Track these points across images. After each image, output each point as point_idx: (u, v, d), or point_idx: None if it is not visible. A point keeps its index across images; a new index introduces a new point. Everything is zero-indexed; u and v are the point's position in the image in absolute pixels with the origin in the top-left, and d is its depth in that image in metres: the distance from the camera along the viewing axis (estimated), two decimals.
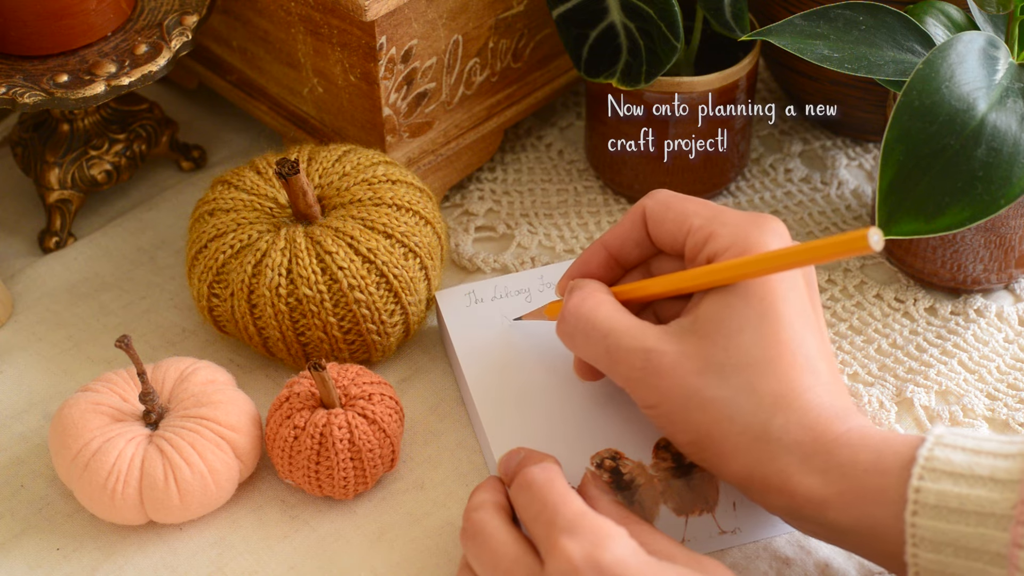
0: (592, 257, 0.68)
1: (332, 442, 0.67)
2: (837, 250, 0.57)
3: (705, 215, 0.64)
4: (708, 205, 0.65)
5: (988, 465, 0.56)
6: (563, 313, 0.65)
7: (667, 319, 0.67)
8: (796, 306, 0.61)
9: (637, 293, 0.66)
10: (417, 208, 0.74)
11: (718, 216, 0.63)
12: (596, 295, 0.65)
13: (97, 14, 0.77)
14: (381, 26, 0.75)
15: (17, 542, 0.69)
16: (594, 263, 0.68)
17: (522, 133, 0.91)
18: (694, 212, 0.64)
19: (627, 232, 0.67)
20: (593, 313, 0.64)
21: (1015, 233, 0.76)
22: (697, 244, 0.63)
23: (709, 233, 0.63)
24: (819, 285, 0.81)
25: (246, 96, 0.88)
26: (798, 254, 0.59)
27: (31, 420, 0.74)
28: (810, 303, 0.62)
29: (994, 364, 0.76)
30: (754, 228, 0.62)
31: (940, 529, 0.55)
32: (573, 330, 0.65)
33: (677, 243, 0.65)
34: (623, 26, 0.78)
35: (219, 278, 0.73)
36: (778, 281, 0.61)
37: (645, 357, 0.61)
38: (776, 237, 0.62)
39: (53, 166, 0.82)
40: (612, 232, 0.68)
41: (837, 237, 0.57)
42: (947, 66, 0.68)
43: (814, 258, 0.58)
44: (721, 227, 0.63)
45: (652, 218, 0.66)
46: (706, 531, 0.66)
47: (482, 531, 0.60)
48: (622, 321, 0.63)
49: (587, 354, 0.65)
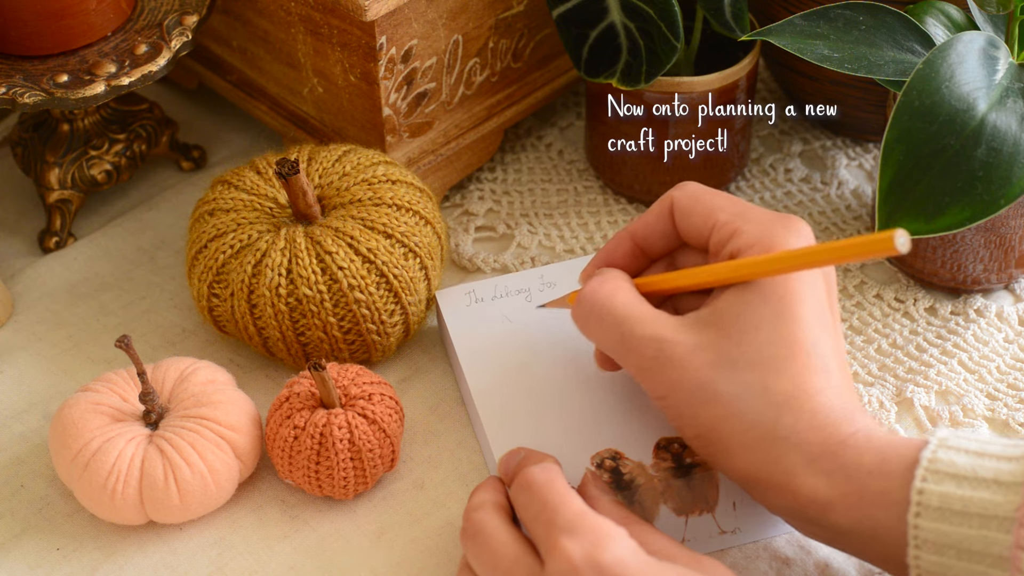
0: (618, 246, 0.68)
1: (332, 442, 0.67)
2: (862, 251, 0.57)
3: (731, 211, 0.64)
4: (735, 201, 0.64)
5: (991, 467, 0.56)
6: (580, 296, 0.65)
7: (685, 312, 0.66)
8: (814, 307, 0.61)
9: (658, 286, 0.66)
10: (417, 208, 0.74)
11: (744, 213, 0.63)
12: (614, 281, 0.65)
13: (97, 14, 0.77)
14: (381, 26, 0.75)
15: (17, 542, 0.69)
16: (619, 252, 0.68)
17: (522, 133, 0.91)
18: (720, 207, 0.64)
19: (654, 223, 0.67)
20: (610, 298, 0.64)
21: (1015, 233, 0.76)
22: (722, 240, 0.63)
23: (734, 229, 0.63)
24: None
25: (246, 96, 0.88)
26: (821, 253, 0.59)
27: (31, 420, 0.74)
28: (828, 304, 0.62)
29: (994, 364, 0.76)
30: (779, 227, 0.62)
31: (943, 531, 0.55)
32: (588, 314, 0.64)
33: (702, 237, 0.65)
34: (623, 26, 0.78)
35: (219, 278, 0.73)
36: (798, 281, 0.60)
37: (658, 346, 0.61)
38: (801, 237, 0.62)
39: (53, 166, 0.82)
40: (639, 222, 0.67)
41: (862, 237, 0.56)
42: (947, 66, 0.68)
43: (837, 258, 0.58)
44: (746, 224, 0.62)
45: (679, 210, 0.66)
46: (706, 531, 0.66)
47: (482, 531, 0.60)
48: (638, 308, 0.63)
49: (600, 340, 0.64)
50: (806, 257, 0.59)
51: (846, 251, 0.58)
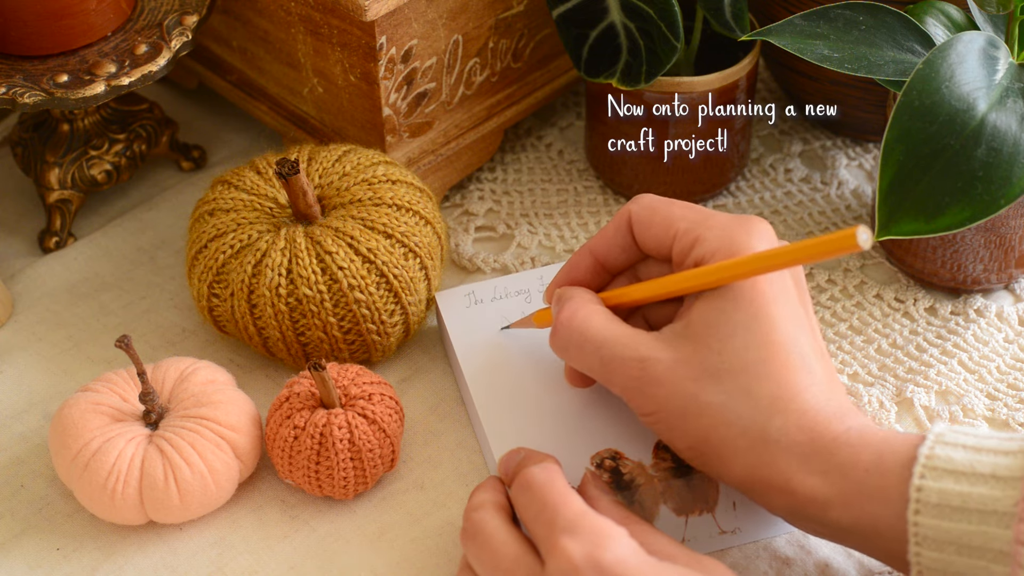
0: (579, 263, 0.68)
1: (332, 442, 0.67)
2: (825, 249, 0.57)
3: (691, 219, 0.64)
4: (694, 208, 0.65)
5: (989, 462, 0.56)
6: (555, 326, 0.65)
7: (657, 323, 0.67)
8: (786, 307, 0.61)
9: (626, 298, 0.66)
10: (417, 208, 0.74)
11: (704, 220, 0.63)
12: (587, 306, 0.65)
13: (97, 14, 0.77)
14: (381, 26, 0.75)
15: (17, 542, 0.69)
16: (581, 269, 0.68)
17: (522, 133, 0.91)
18: (680, 216, 0.64)
19: (613, 237, 0.67)
20: (585, 325, 0.64)
21: (1015, 233, 0.76)
22: (684, 249, 0.63)
23: (695, 237, 0.63)
24: (819, 285, 0.81)
25: (246, 96, 0.88)
26: (786, 254, 0.59)
27: (31, 420, 0.74)
28: (800, 303, 0.62)
29: (994, 364, 0.76)
30: (740, 231, 0.62)
31: (943, 527, 0.55)
32: (567, 343, 0.65)
33: (664, 248, 0.65)
34: (623, 26, 0.78)
35: (219, 278, 0.73)
36: (767, 283, 0.61)
37: (640, 366, 0.61)
38: (762, 239, 0.62)
39: (53, 166, 0.82)
40: (598, 238, 0.68)
41: (825, 236, 0.57)
42: (947, 66, 0.68)
43: (802, 258, 0.58)
44: (707, 231, 0.63)
45: (638, 223, 0.66)
46: (706, 531, 0.66)
47: (482, 531, 0.60)
48: (615, 331, 0.63)
49: (582, 365, 0.65)
50: (771, 259, 0.60)
51: (810, 251, 0.58)
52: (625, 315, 0.67)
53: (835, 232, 0.56)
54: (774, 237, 0.63)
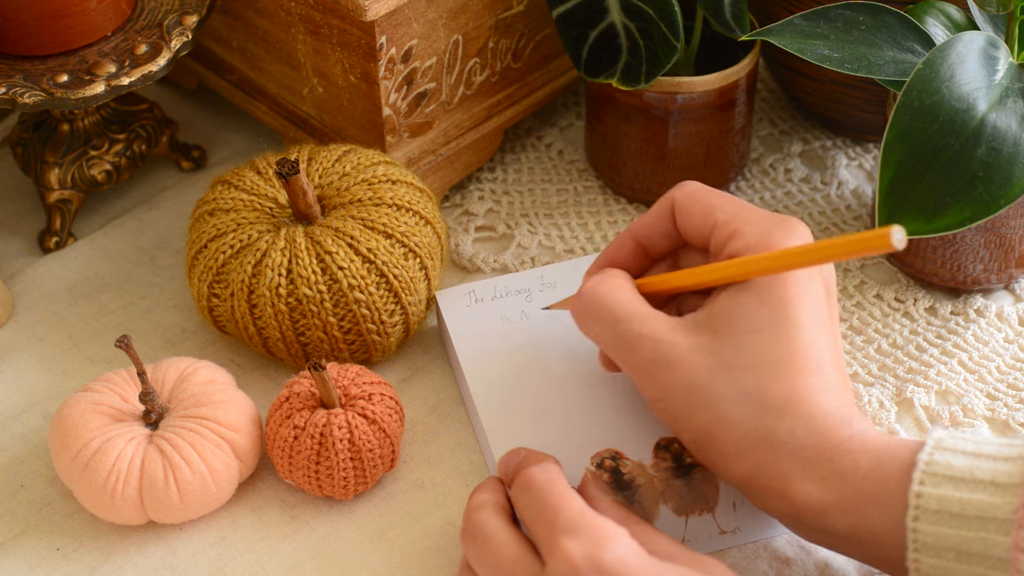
0: (620, 247, 0.68)
1: (332, 442, 0.67)
2: (858, 247, 0.56)
3: (730, 211, 0.63)
4: (734, 201, 0.64)
5: (988, 469, 0.56)
6: (580, 292, 0.65)
7: None
8: (811, 309, 0.60)
9: (659, 286, 0.65)
10: (417, 208, 0.74)
11: (742, 214, 0.63)
12: (614, 280, 0.64)
13: (97, 14, 0.77)
14: (381, 26, 0.75)
15: (17, 542, 0.69)
16: (622, 253, 0.68)
17: (522, 133, 0.91)
18: (720, 207, 0.64)
19: (655, 222, 0.67)
20: (608, 296, 0.64)
21: (1015, 233, 0.76)
22: (721, 240, 0.63)
23: (733, 231, 0.63)
24: None
25: (246, 96, 0.88)
26: (818, 251, 0.58)
27: (31, 420, 0.74)
28: (826, 306, 0.62)
29: (994, 364, 0.76)
30: (777, 229, 0.62)
31: (942, 534, 0.55)
32: (587, 311, 0.64)
33: (703, 237, 0.65)
34: (623, 26, 0.78)
35: (219, 278, 0.73)
36: (795, 283, 0.60)
37: (654, 347, 0.61)
38: (799, 240, 0.62)
39: (53, 166, 0.82)
40: (640, 222, 0.67)
41: (858, 234, 0.56)
42: (947, 66, 0.68)
43: (834, 255, 0.58)
44: (744, 225, 0.62)
45: (680, 210, 0.66)
46: (706, 531, 0.66)
47: (482, 531, 0.60)
48: (636, 308, 0.63)
49: (598, 337, 0.64)
50: (804, 255, 0.59)
51: (843, 248, 0.57)
52: (659, 304, 0.67)
53: (869, 231, 0.56)
54: (810, 239, 0.62)
